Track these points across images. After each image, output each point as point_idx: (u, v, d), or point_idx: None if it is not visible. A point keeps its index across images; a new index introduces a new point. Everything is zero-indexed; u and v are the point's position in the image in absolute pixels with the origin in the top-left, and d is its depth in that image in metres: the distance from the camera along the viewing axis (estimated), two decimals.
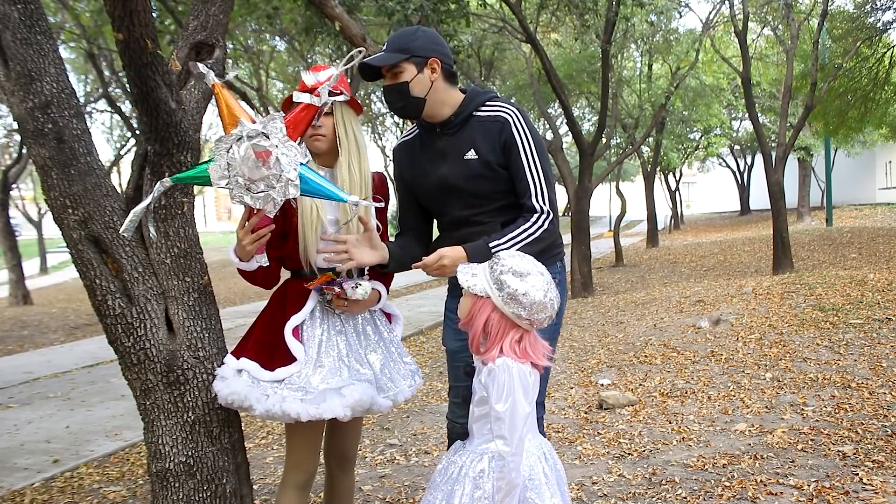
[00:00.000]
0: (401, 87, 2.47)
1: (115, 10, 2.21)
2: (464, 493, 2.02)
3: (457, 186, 2.51)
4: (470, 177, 2.48)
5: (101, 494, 4.16)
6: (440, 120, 2.52)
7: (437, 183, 2.55)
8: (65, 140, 2.48)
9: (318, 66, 2.48)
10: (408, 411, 5.43)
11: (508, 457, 1.97)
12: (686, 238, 25.38)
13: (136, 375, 2.58)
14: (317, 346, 2.45)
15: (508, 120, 2.46)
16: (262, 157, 2.07)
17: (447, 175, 2.52)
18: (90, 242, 2.54)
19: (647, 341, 7.01)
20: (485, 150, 2.46)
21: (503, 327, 2.01)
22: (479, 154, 2.47)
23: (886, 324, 6.47)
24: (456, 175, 2.50)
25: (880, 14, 14.30)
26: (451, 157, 2.51)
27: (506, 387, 1.97)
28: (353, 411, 2.36)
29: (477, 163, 2.47)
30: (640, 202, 25.27)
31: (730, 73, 18.80)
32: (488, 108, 2.50)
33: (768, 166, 13.54)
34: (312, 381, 2.37)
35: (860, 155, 26.88)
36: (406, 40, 2.48)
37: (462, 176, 2.49)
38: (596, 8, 10.72)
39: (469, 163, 2.48)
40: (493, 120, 2.47)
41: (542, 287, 2.02)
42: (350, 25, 6.33)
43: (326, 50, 15.48)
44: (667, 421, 4.61)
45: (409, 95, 2.47)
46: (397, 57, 2.45)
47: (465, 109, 2.51)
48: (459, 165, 2.49)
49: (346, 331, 2.51)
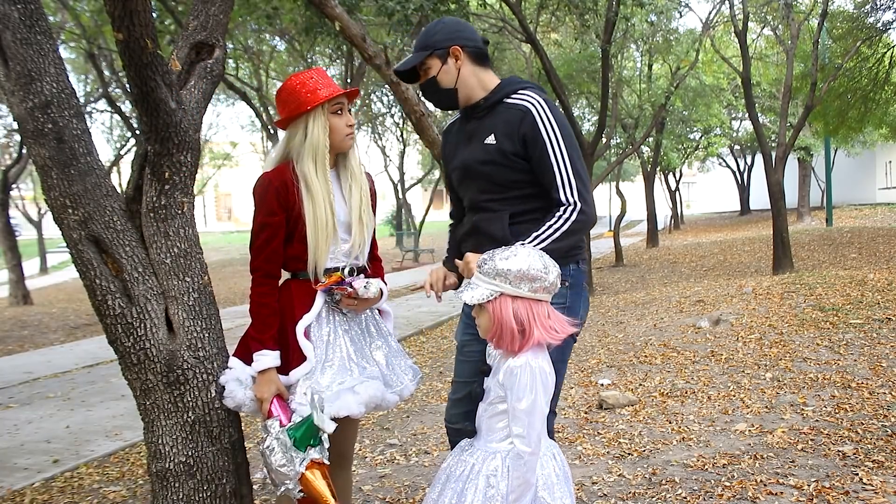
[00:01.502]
0: (431, 82, 2.52)
1: (115, 10, 2.21)
2: (476, 490, 2.03)
3: (473, 169, 2.51)
4: (485, 161, 2.47)
5: (101, 494, 4.16)
6: (473, 103, 2.54)
7: (460, 165, 2.57)
8: (65, 140, 2.48)
9: None
10: (408, 411, 5.43)
11: (526, 456, 1.98)
12: (686, 238, 25.38)
13: (136, 375, 2.58)
14: (324, 346, 2.47)
15: (531, 111, 2.41)
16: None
17: (467, 158, 2.53)
18: (90, 242, 2.54)
19: (647, 341, 7.01)
20: (502, 137, 2.44)
21: (530, 310, 2.02)
22: (496, 140, 2.45)
23: (886, 324, 6.47)
24: (474, 158, 2.50)
25: (880, 14, 14.31)
26: (475, 140, 2.51)
27: (528, 386, 1.98)
28: (367, 407, 2.39)
29: (493, 148, 2.45)
30: (640, 202, 25.30)
31: (730, 73, 18.82)
32: (516, 97, 2.47)
33: (768, 166, 13.54)
34: (322, 381, 2.40)
35: (860, 155, 26.89)
36: (427, 36, 2.52)
37: (478, 160, 2.49)
38: (596, 8, 10.73)
39: (487, 147, 2.46)
40: (517, 109, 2.44)
41: (532, 254, 2.05)
42: (350, 25, 6.34)
43: (326, 50, 15.49)
44: (667, 421, 4.61)
45: (440, 89, 2.51)
46: (420, 56, 2.49)
47: (495, 95, 2.51)
48: (479, 149, 2.49)
49: (350, 329, 2.54)
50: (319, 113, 2.43)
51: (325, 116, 2.44)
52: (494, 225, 2.46)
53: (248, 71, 18.81)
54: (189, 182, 2.65)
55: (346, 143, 2.51)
